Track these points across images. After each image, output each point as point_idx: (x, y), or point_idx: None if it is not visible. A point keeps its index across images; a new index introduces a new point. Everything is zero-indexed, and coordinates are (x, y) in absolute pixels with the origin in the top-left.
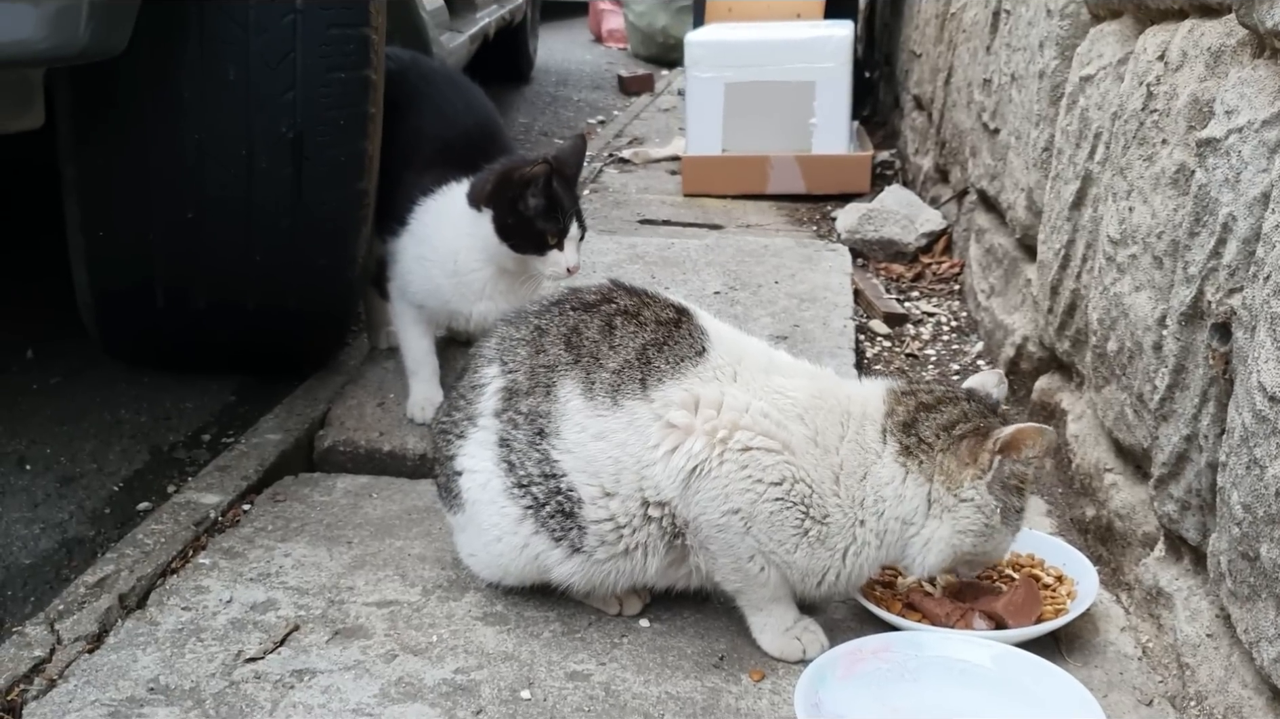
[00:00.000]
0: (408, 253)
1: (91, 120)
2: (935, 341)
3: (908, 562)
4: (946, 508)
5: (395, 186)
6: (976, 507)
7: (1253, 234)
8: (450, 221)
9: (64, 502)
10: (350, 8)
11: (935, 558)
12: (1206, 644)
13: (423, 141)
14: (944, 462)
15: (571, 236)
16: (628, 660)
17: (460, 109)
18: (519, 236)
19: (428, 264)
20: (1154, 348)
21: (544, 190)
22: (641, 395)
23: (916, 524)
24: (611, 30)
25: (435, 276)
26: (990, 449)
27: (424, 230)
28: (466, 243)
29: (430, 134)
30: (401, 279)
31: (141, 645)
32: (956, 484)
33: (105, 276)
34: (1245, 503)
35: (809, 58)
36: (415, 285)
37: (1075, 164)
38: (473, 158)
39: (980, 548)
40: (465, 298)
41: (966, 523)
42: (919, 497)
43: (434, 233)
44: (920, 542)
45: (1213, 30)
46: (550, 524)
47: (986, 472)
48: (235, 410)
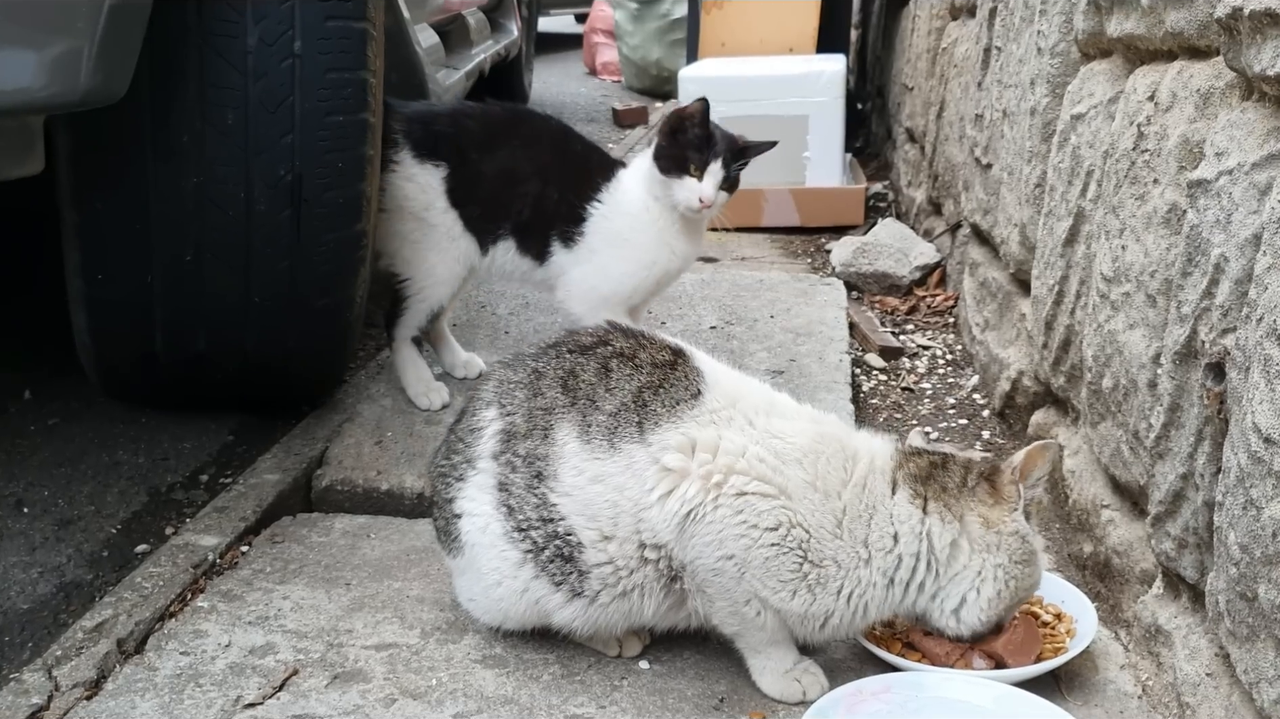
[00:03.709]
0: (598, 240)
1: (91, 165)
2: (931, 375)
3: (951, 605)
4: (991, 545)
5: (555, 202)
6: (1021, 537)
7: (1245, 275)
8: (634, 185)
9: (62, 545)
10: (347, 52)
11: (991, 587)
12: (1206, 683)
13: (564, 161)
14: (972, 508)
15: (712, 171)
16: (627, 703)
17: (570, 134)
18: (668, 159)
19: (621, 232)
20: (1149, 385)
21: (700, 124)
22: (638, 439)
23: (957, 562)
24: (605, 63)
25: (632, 239)
26: (1012, 480)
27: (614, 209)
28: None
29: (569, 153)
30: (596, 277)
31: (140, 692)
32: (995, 523)
33: (103, 318)
34: (1242, 543)
35: (802, 92)
36: (614, 269)
37: (1068, 201)
38: (594, 169)
39: (1034, 575)
40: (660, 246)
41: (1020, 553)
42: (949, 533)
43: (624, 203)
44: (969, 576)
45: (1202, 72)
46: (550, 568)
47: (1018, 501)
48: (233, 450)
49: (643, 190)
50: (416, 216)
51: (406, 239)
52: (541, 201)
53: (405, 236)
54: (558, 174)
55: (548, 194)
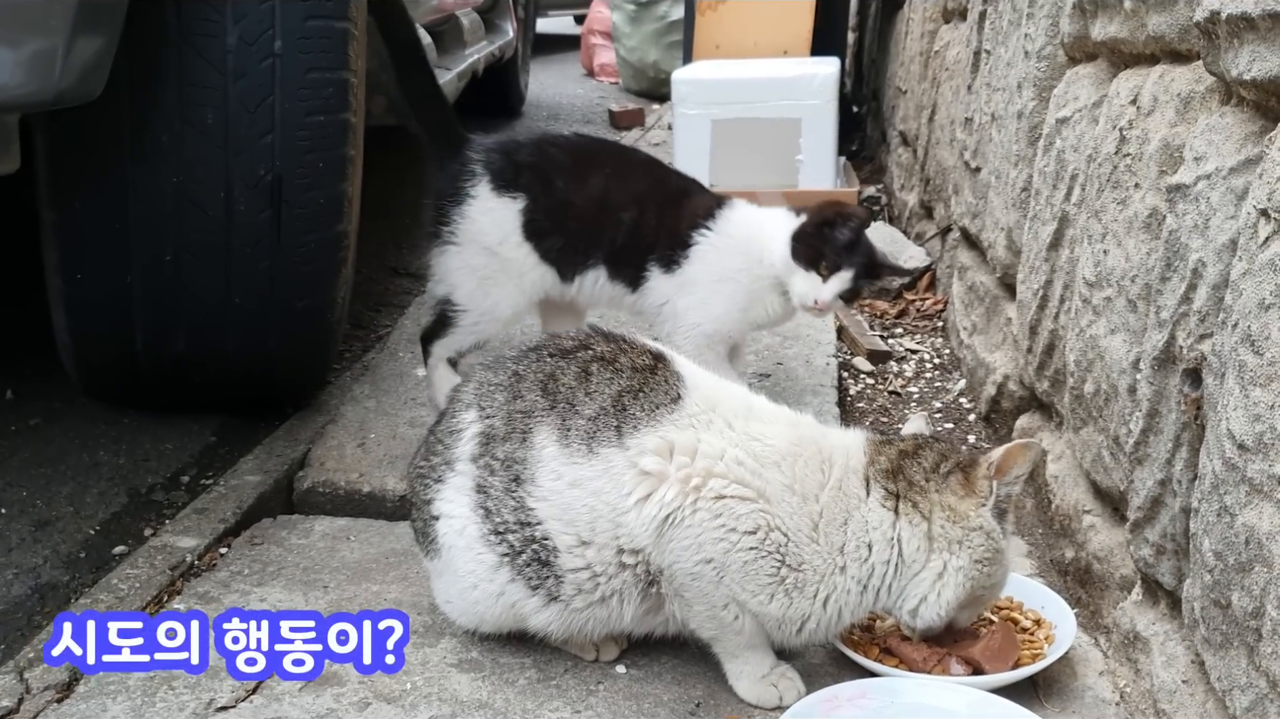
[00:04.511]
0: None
1: (69, 164)
2: (918, 379)
3: (910, 606)
4: (954, 541)
5: (654, 228)
6: (986, 533)
7: (1222, 280)
8: (748, 230)
9: (38, 546)
10: (329, 51)
11: (951, 592)
12: (1182, 690)
13: (662, 189)
14: (941, 499)
15: (840, 278)
16: (603, 708)
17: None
18: (805, 247)
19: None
20: (1129, 391)
21: (854, 229)
22: (617, 443)
23: (918, 563)
24: (603, 65)
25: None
26: (986, 475)
27: (725, 241)
28: (771, 242)
29: (665, 181)
30: (700, 313)
31: (112, 694)
32: (962, 516)
33: (83, 318)
34: (1216, 550)
35: (795, 95)
36: (717, 306)
37: (1052, 205)
38: (695, 197)
39: (995, 576)
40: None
41: (982, 550)
42: (916, 536)
43: (736, 241)
44: (929, 578)
45: (1183, 76)
46: (526, 572)
47: (989, 497)
48: (216, 451)
49: (757, 243)
50: (489, 251)
51: (475, 272)
52: (639, 228)
53: (474, 270)
54: (656, 201)
55: (646, 220)
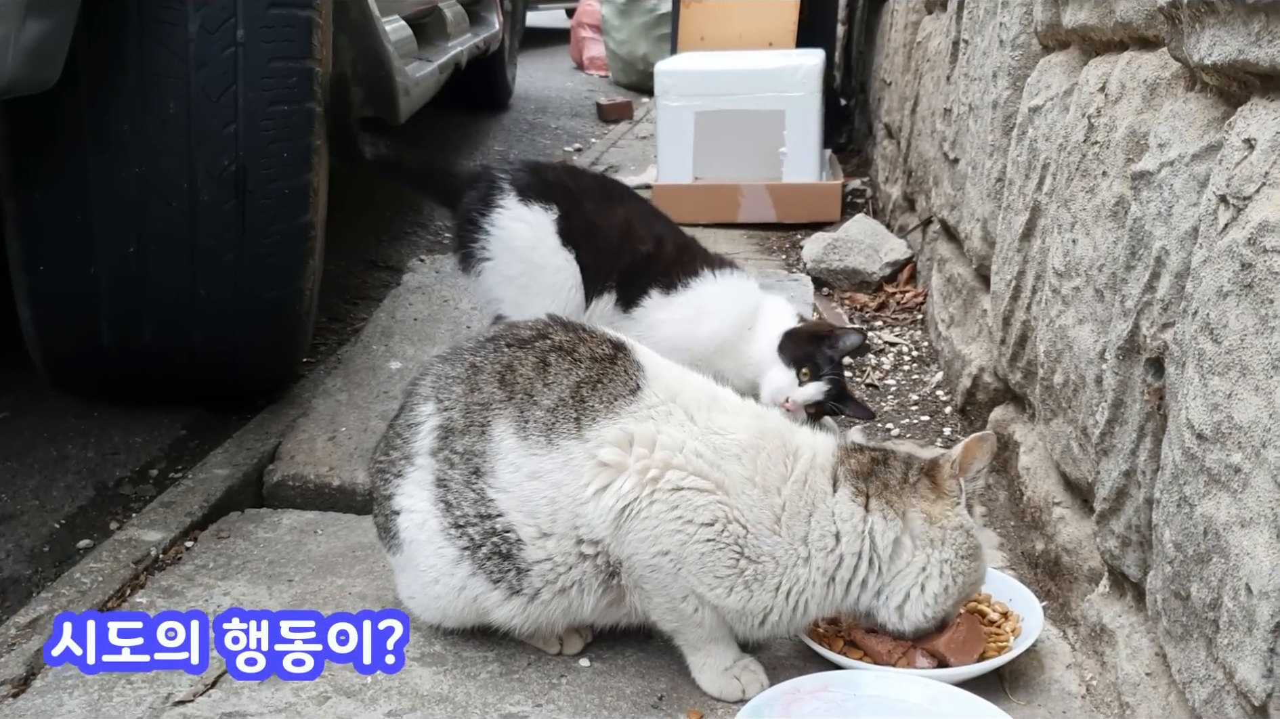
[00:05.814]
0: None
1: (30, 155)
2: (896, 371)
3: (895, 602)
4: (933, 540)
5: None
6: (965, 531)
7: (1184, 268)
8: (747, 301)
9: (1, 540)
10: (292, 40)
11: (938, 584)
12: (1146, 683)
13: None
14: (915, 502)
15: (816, 387)
16: (565, 702)
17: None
18: (793, 347)
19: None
20: (1095, 381)
21: (846, 352)
22: (576, 434)
23: (900, 559)
24: (592, 58)
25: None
26: (952, 474)
27: (711, 302)
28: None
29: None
30: (683, 328)
31: (69, 689)
32: (938, 518)
33: (47, 310)
34: (1176, 541)
35: (778, 87)
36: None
37: (1025, 195)
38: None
39: (980, 571)
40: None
41: (964, 548)
42: (892, 531)
43: (723, 307)
44: (913, 573)
45: (1149, 63)
46: (488, 566)
47: (960, 495)
48: (185, 445)
49: (748, 312)
50: (523, 258)
51: (513, 282)
52: (651, 261)
53: (511, 280)
54: (671, 242)
55: (662, 254)
